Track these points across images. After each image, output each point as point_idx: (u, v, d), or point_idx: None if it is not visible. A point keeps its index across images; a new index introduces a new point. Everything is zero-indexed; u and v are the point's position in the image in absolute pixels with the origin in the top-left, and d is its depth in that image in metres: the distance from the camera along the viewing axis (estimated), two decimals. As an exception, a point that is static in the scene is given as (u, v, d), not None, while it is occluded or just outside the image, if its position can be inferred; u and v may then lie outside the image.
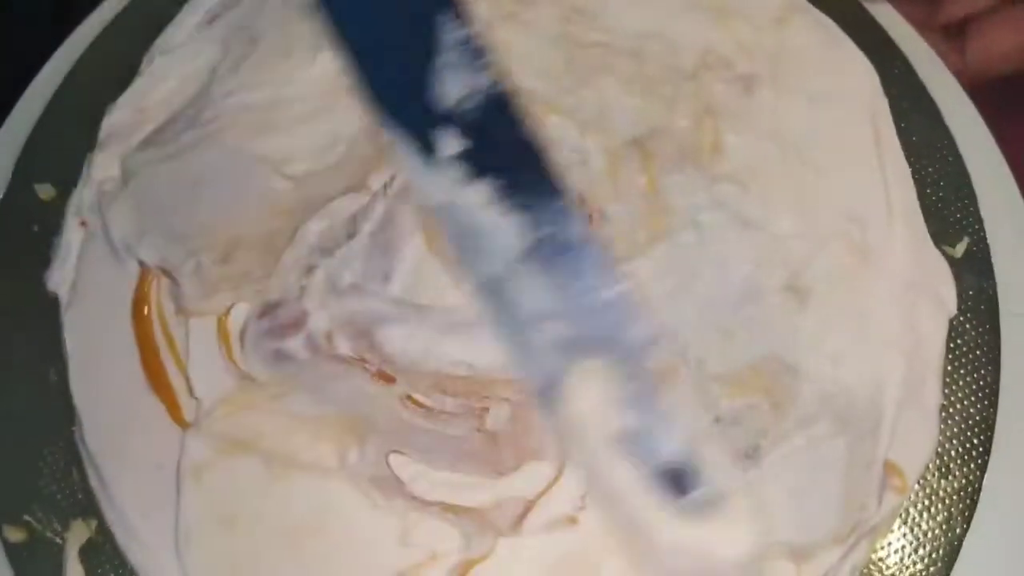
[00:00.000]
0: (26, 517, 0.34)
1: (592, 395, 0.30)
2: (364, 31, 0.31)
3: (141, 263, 0.36)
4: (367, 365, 0.33)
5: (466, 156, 0.31)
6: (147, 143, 0.37)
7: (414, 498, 0.31)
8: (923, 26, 0.41)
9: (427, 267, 0.34)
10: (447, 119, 0.31)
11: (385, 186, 0.35)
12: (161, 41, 0.39)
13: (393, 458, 0.32)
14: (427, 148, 0.31)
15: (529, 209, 0.31)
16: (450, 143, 0.30)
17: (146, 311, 0.35)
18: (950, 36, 0.44)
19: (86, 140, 0.38)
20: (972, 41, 0.44)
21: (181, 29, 0.40)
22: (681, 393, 0.33)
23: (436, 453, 0.32)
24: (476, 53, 0.31)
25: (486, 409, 0.32)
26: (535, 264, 0.30)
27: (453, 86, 0.30)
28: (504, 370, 0.33)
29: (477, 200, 0.30)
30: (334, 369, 0.33)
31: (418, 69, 0.31)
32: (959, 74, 0.43)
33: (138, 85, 0.38)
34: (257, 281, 0.34)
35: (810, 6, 0.40)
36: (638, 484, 0.30)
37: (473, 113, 0.31)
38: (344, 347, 0.33)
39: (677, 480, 0.30)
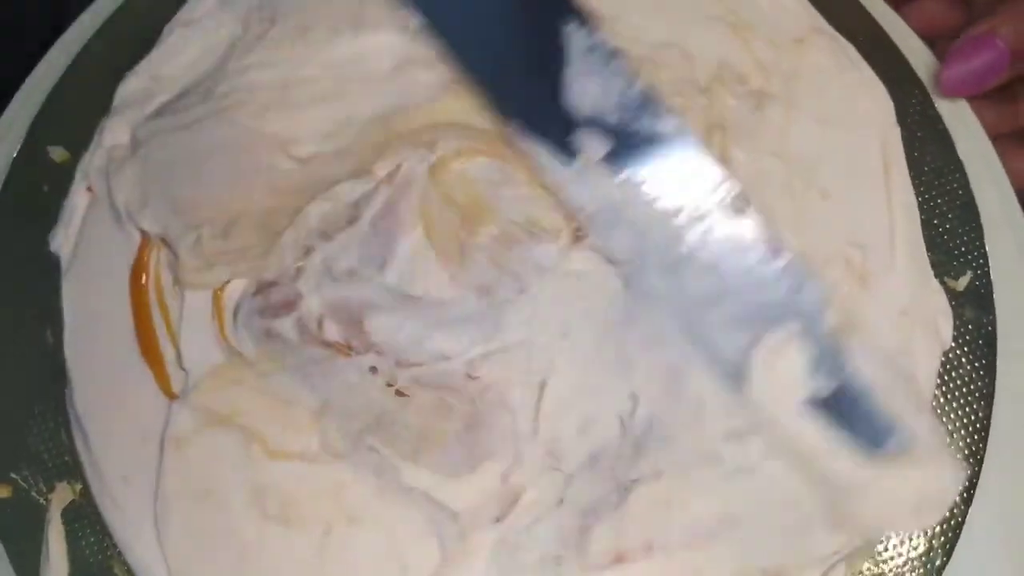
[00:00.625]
0: (12, 475, 0.35)
1: (783, 365, 0.31)
2: (491, 50, 0.33)
3: (142, 232, 0.36)
4: (353, 352, 0.33)
5: (612, 157, 0.32)
6: (159, 113, 0.37)
7: (390, 486, 0.32)
8: (993, 134, 0.41)
9: (424, 259, 0.34)
10: (588, 124, 0.32)
11: (390, 174, 0.35)
12: (182, 14, 0.40)
13: (370, 444, 0.32)
14: (570, 155, 0.32)
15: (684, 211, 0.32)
16: (595, 146, 0.32)
17: (144, 279, 0.35)
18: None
19: (101, 106, 0.38)
20: None
21: (202, 3, 0.40)
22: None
23: (409, 444, 0.32)
24: (607, 57, 0.32)
25: (461, 404, 0.33)
26: (695, 250, 0.32)
27: (589, 92, 0.32)
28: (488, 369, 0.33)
29: (633, 198, 0.32)
30: (320, 353, 0.33)
31: (552, 79, 0.32)
32: None
33: (155, 55, 0.39)
34: (255, 259, 0.34)
35: (832, 30, 0.39)
36: (832, 443, 0.31)
37: (613, 115, 0.32)
38: (333, 332, 0.33)
39: (872, 433, 0.31)
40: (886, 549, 0.34)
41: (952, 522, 0.34)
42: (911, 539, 0.34)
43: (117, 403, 0.34)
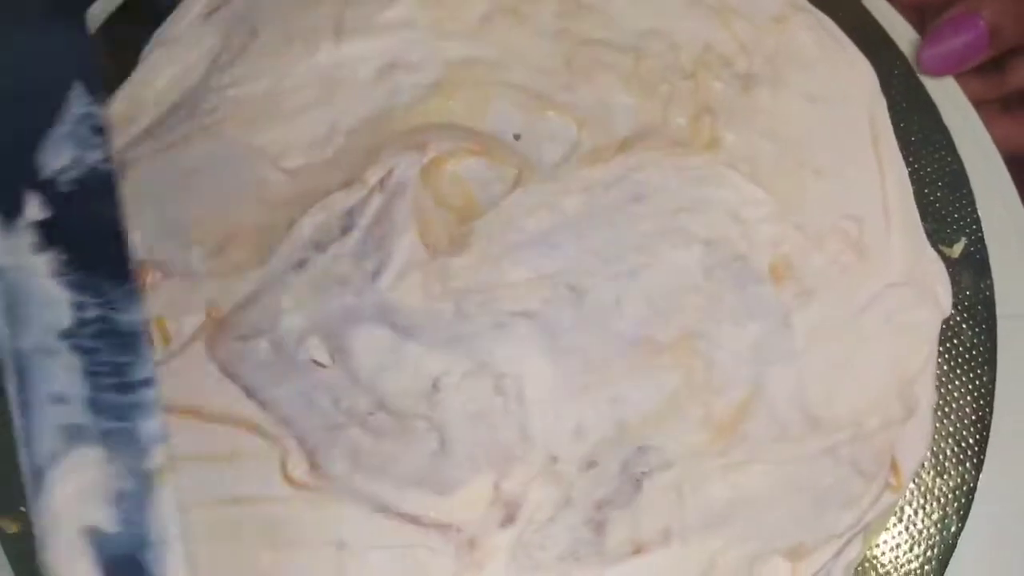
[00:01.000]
0: (22, 508, 0.34)
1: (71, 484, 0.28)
2: None
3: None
4: (324, 368, 0.33)
5: (44, 225, 0.30)
6: (144, 135, 0.37)
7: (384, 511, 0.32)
8: (979, 102, 0.41)
9: (416, 268, 0.34)
10: (41, 186, 0.30)
11: (382, 180, 0.35)
12: (161, 32, 0.39)
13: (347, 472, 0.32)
14: (12, 210, 0.30)
15: (87, 289, 0.30)
16: (33, 209, 0.30)
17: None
18: (1010, 106, 0.44)
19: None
20: None
21: (181, 20, 0.39)
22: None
23: (385, 468, 0.32)
24: (95, 130, 0.31)
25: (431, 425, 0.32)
26: (72, 344, 0.30)
27: (57, 155, 0.30)
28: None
29: (40, 268, 0.30)
30: (292, 370, 0.33)
31: (31, 133, 0.30)
32: (1021, 147, 0.43)
33: (136, 77, 0.38)
34: (246, 274, 0.34)
35: (811, 6, 0.40)
36: None
37: (67, 185, 0.30)
38: (311, 348, 0.33)
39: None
40: (900, 520, 0.34)
41: (964, 487, 0.34)
42: (924, 508, 0.34)
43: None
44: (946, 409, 0.35)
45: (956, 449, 0.35)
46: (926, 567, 0.34)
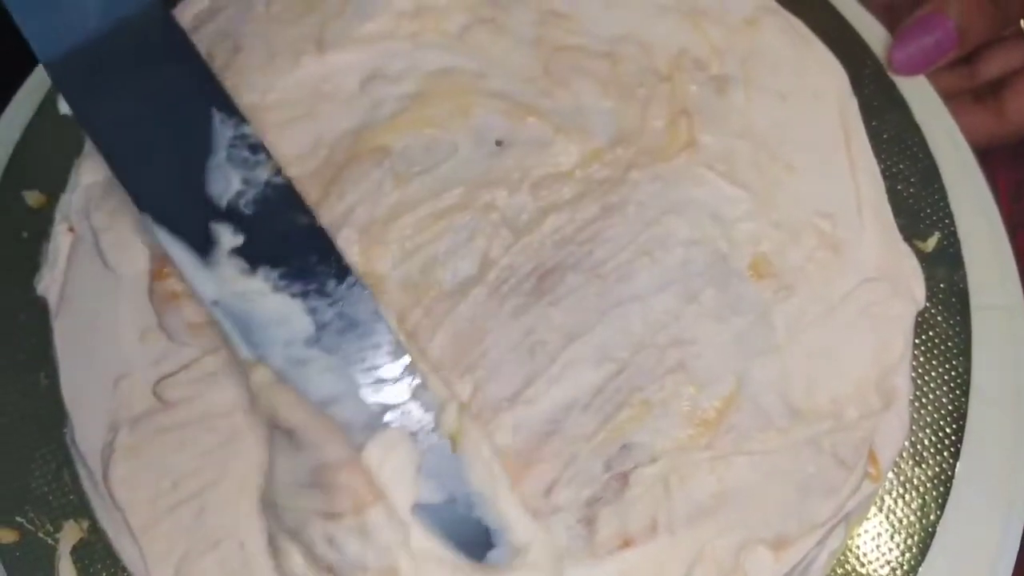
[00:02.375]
0: (18, 519, 0.35)
1: (392, 465, 0.30)
2: (133, 133, 0.32)
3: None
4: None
5: (243, 249, 0.31)
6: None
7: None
8: (951, 94, 0.42)
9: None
10: (223, 215, 0.32)
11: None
12: (147, 48, 0.40)
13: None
14: (205, 246, 0.31)
15: (314, 293, 0.31)
16: (227, 238, 0.31)
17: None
18: (982, 97, 0.45)
19: (74, 146, 0.39)
20: (1012, 101, 0.45)
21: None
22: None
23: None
24: (252, 149, 0.32)
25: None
26: (322, 348, 0.31)
27: (227, 183, 0.32)
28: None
29: (258, 290, 0.31)
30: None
31: (193, 168, 0.32)
32: (993, 136, 0.44)
33: (123, 92, 0.39)
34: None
35: (780, 8, 0.40)
36: (439, 548, 0.30)
37: (249, 207, 0.32)
38: None
39: (476, 541, 0.31)
40: (880, 510, 0.35)
41: (943, 476, 0.35)
42: (904, 498, 0.35)
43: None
44: (923, 400, 0.36)
45: (934, 439, 0.36)
46: (907, 555, 0.34)
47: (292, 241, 0.32)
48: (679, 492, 0.32)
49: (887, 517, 0.35)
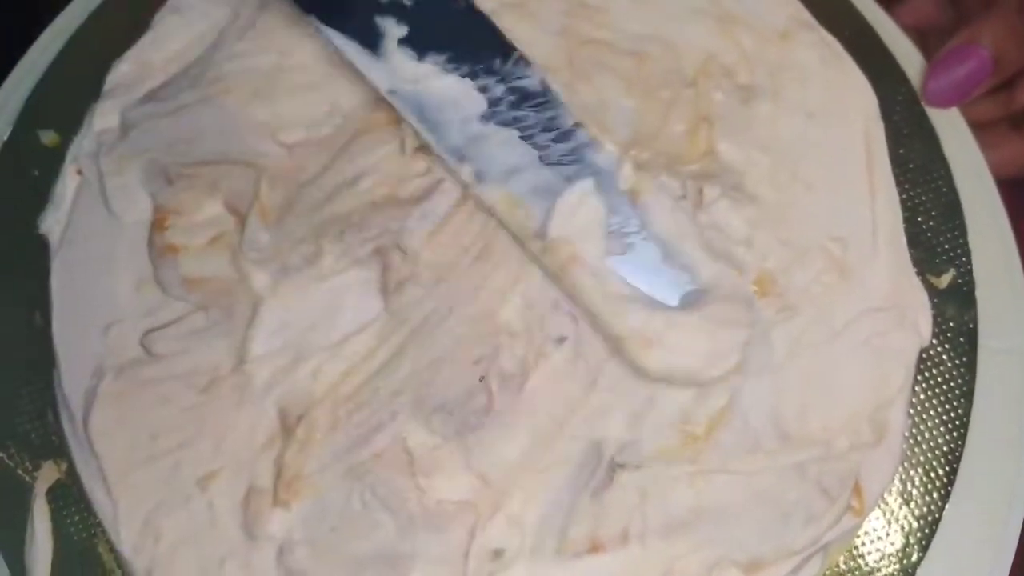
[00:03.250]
0: (0, 453, 0.35)
1: (581, 216, 0.32)
2: None
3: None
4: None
5: (409, 38, 0.34)
6: (148, 98, 0.38)
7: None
8: (989, 122, 0.42)
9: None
10: (385, 9, 0.34)
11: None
12: (172, 1, 0.40)
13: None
14: (373, 40, 0.33)
15: (482, 72, 0.34)
16: (392, 29, 0.33)
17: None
18: (1020, 124, 0.44)
19: (92, 91, 0.39)
20: None
21: (193, -10, 0.40)
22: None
23: None
24: None
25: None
26: (498, 122, 0.33)
27: None
28: None
29: (428, 74, 0.33)
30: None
31: None
32: None
33: (145, 41, 0.39)
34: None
35: (816, 24, 0.39)
36: (626, 294, 0.32)
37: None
38: None
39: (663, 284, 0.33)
40: (863, 544, 0.34)
41: (929, 518, 0.34)
42: (887, 535, 0.34)
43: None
44: (919, 438, 0.35)
45: (925, 479, 0.35)
46: (890, 579, 0.34)
47: (453, 25, 0.34)
48: (656, 502, 0.32)
49: (867, 554, 0.34)
